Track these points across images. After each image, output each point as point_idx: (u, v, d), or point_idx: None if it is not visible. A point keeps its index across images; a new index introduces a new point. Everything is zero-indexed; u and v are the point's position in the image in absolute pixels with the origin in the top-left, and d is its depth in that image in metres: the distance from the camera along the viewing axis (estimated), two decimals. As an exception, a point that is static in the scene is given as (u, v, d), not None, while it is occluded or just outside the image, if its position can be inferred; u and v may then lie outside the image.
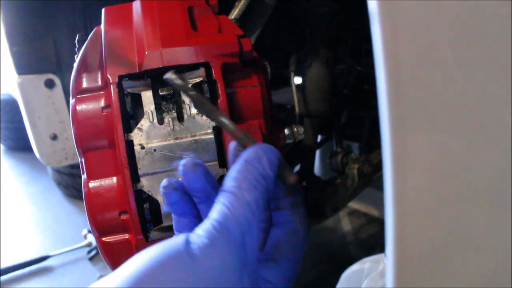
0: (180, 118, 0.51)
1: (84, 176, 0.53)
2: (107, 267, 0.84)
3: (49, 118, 1.15)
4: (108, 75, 0.51)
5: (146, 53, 0.51)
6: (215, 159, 0.52)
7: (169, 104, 0.52)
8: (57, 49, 1.04)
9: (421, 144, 0.31)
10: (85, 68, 0.54)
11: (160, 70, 0.50)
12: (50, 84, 1.08)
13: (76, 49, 0.56)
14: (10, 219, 2.10)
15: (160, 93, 0.51)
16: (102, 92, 0.53)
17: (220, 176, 0.53)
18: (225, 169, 0.52)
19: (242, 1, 0.69)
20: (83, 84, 0.53)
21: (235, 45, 0.53)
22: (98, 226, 0.52)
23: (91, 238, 1.78)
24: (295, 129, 0.61)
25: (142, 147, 0.50)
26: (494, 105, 0.29)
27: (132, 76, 0.51)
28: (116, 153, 0.51)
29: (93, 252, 1.74)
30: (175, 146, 0.51)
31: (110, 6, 0.57)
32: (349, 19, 0.93)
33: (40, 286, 1.61)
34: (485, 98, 0.29)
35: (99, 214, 0.52)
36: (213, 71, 0.51)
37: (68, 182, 2.13)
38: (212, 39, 0.53)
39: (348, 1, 0.91)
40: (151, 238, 0.51)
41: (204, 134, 0.51)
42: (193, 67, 0.52)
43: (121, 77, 0.51)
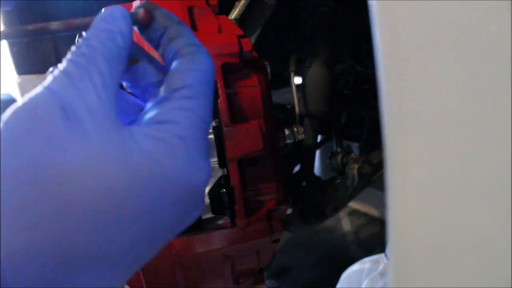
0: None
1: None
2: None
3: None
4: (108, 75, 0.51)
5: (146, 53, 0.51)
6: (215, 159, 0.52)
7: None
8: (57, 49, 1.04)
9: (422, 144, 0.31)
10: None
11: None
12: (50, 84, 1.08)
13: (76, 49, 0.56)
14: (10, 219, 2.10)
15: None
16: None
17: (220, 176, 0.53)
18: (225, 170, 0.53)
19: (242, 1, 0.69)
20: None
21: (235, 45, 0.53)
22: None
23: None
24: (295, 129, 0.61)
25: None
26: (495, 105, 0.29)
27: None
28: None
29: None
30: None
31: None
32: (349, 19, 0.94)
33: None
34: (486, 98, 0.29)
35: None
36: (213, 71, 0.51)
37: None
38: (212, 39, 0.53)
39: (348, 1, 0.91)
40: None
41: None
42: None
43: (121, 77, 0.51)
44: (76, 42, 0.29)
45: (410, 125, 0.31)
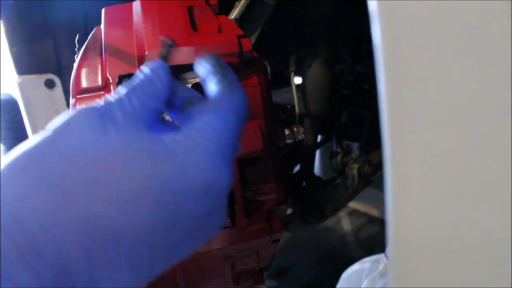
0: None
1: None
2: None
3: (49, 118, 1.14)
4: (108, 75, 0.51)
5: (146, 53, 0.51)
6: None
7: (169, 104, 0.52)
8: (57, 49, 1.04)
9: (422, 144, 0.31)
10: (85, 68, 0.54)
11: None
12: (50, 84, 1.08)
13: (76, 49, 0.56)
14: (10, 219, 2.10)
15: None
16: (102, 92, 0.53)
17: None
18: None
19: (242, 1, 0.69)
20: (83, 84, 0.53)
21: (235, 45, 0.53)
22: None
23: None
24: (295, 129, 0.61)
25: None
26: (495, 105, 0.29)
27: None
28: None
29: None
30: None
31: (110, 6, 0.57)
32: (349, 19, 0.94)
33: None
34: (486, 98, 0.29)
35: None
36: (213, 71, 0.51)
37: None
38: (212, 39, 0.53)
39: (348, 1, 0.91)
40: None
41: None
42: (193, 67, 0.52)
43: (121, 77, 0.51)
44: (76, 42, 0.30)
45: (410, 125, 0.31)
